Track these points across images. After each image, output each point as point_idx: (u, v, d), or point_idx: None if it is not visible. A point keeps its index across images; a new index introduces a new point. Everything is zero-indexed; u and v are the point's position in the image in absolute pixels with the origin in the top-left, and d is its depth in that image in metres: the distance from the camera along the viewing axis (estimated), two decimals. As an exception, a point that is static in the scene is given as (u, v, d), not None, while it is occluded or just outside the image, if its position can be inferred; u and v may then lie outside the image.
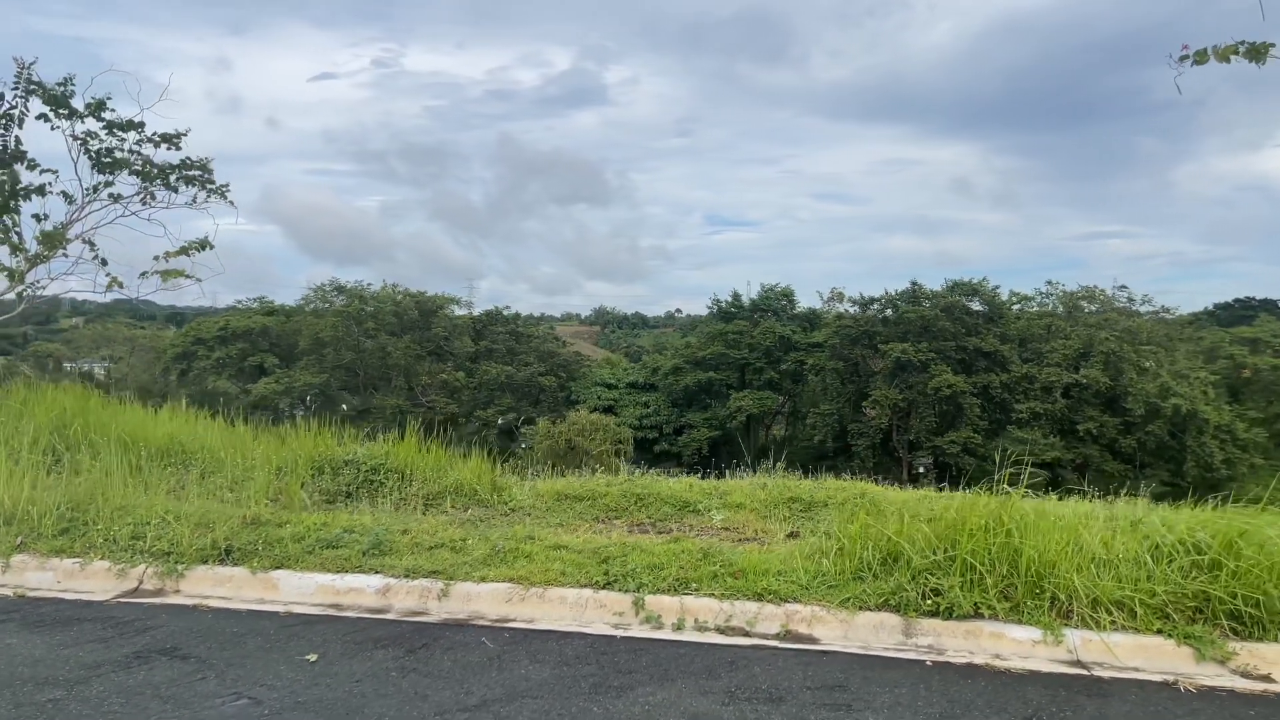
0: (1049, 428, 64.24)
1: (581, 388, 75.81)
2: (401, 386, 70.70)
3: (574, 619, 6.32)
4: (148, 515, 7.43)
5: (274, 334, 73.38)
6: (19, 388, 11.55)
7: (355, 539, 7.20)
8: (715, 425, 71.97)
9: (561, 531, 7.92)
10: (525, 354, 74.89)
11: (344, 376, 70.71)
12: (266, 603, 6.54)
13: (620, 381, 77.10)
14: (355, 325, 69.71)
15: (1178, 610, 5.93)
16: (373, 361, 70.12)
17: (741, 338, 73.08)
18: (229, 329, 72.01)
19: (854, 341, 68.30)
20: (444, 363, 73.27)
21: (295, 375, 68.28)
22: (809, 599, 6.32)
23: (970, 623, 6.03)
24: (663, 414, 73.97)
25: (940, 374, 63.69)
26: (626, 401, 74.93)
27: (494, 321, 77.78)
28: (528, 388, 72.45)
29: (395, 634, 5.85)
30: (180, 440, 9.74)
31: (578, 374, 78.53)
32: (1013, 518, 6.43)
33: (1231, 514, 6.45)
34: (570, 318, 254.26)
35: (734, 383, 72.81)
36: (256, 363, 71.68)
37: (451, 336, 73.40)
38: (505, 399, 71.63)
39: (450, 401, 70.67)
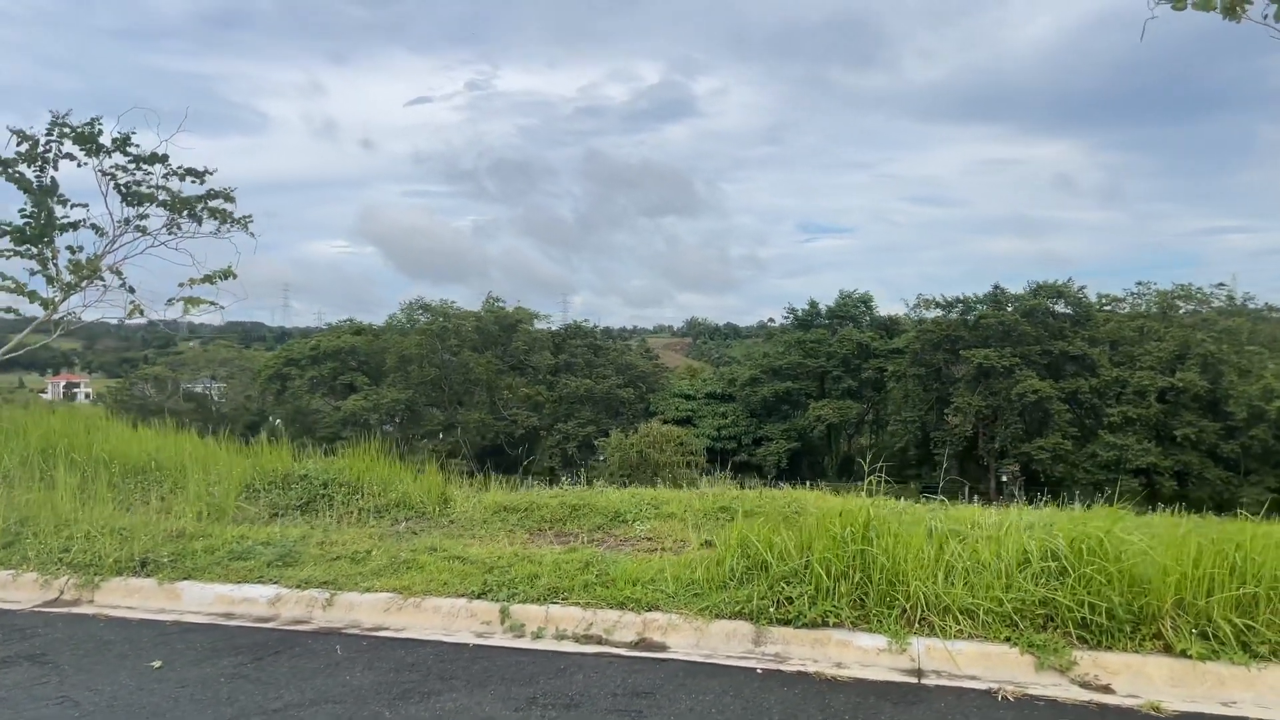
0: (1143, 433, 61.70)
1: (660, 399, 76.09)
2: (484, 401, 72.14)
3: (443, 627, 6.53)
4: (86, 529, 7.92)
5: (363, 353, 75.79)
6: (12, 410, 12.28)
7: (265, 551, 7.56)
8: (794, 436, 71.36)
9: (476, 543, 8.13)
10: (604, 367, 75.58)
11: (429, 392, 72.55)
12: (166, 612, 6.93)
13: (699, 392, 77.10)
14: (439, 342, 71.47)
15: (1027, 618, 5.81)
16: (456, 377, 71.80)
17: (819, 346, 72.37)
18: (320, 349, 74.70)
19: (935, 347, 66.93)
20: (525, 377, 74.51)
21: (383, 392, 70.41)
22: (670, 607, 6.40)
23: (820, 631, 6.03)
24: (741, 425, 73.70)
25: (1025, 379, 61.91)
26: (705, 412, 74.89)
27: (573, 335, 78.73)
28: (607, 400, 73.08)
29: (257, 642, 6.14)
30: (157, 457, 10.29)
31: (657, 386, 78.83)
32: (873, 524, 6.39)
33: (1113, 518, 6.26)
34: (662, 330, 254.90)
35: (813, 392, 72.14)
36: (347, 381, 74.15)
37: (532, 351, 74.61)
38: (585, 411, 72.40)
39: (531, 414, 71.76)
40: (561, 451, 71.52)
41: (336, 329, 79.94)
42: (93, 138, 15.73)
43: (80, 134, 15.51)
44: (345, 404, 69.76)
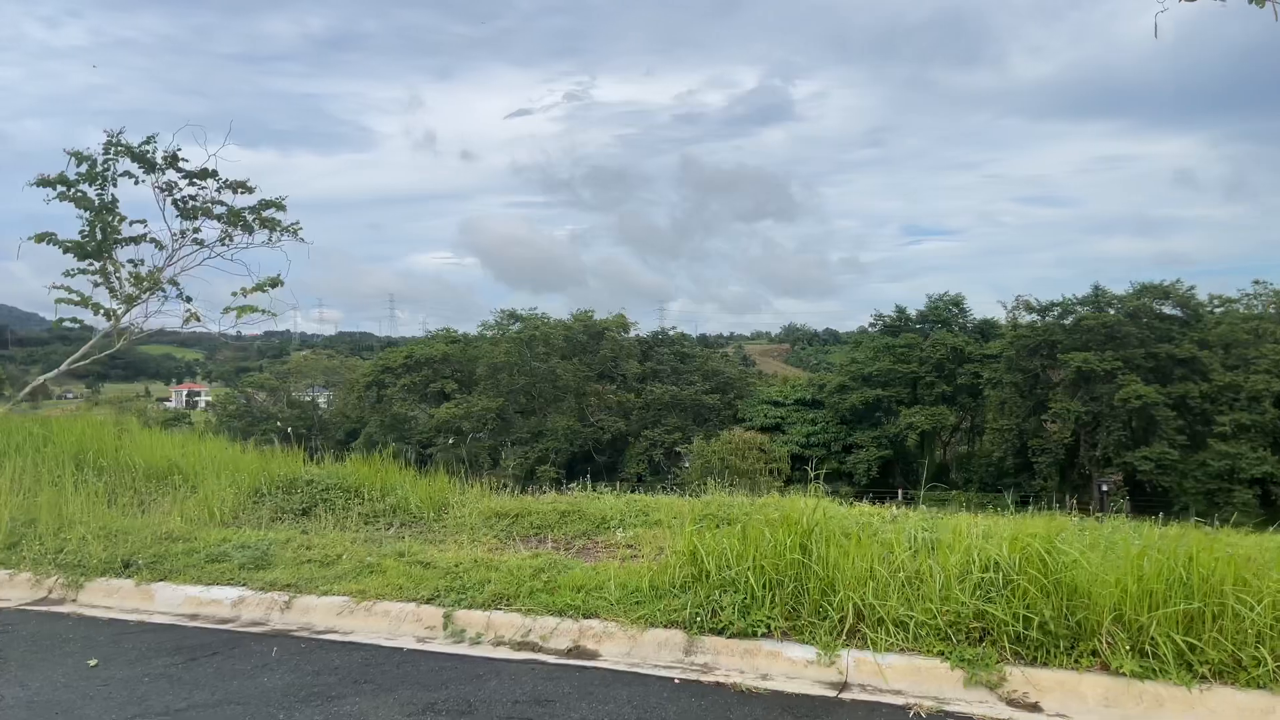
0: (1258, 441, 58.45)
1: (748, 406, 75.48)
2: (572, 408, 72.77)
3: (388, 631, 6.60)
4: (84, 531, 8.27)
5: (455, 361, 77.32)
6: (49, 419, 12.88)
7: (240, 554, 7.76)
8: (885, 444, 69.86)
9: (454, 548, 8.18)
10: (690, 374, 75.44)
11: (519, 400, 73.57)
12: (139, 612, 7.18)
13: (788, 399, 76.22)
14: (528, 350, 72.45)
15: (962, 631, 5.55)
16: (545, 385, 72.62)
17: (910, 351, 70.72)
18: (414, 358, 76.55)
19: (1031, 352, 64.72)
20: (612, 384, 74.92)
21: (474, 400, 71.70)
22: (609, 615, 6.33)
23: (751, 641, 5.88)
24: (830, 432, 72.54)
25: (1129, 384, 59.32)
26: (794, 419, 73.98)
27: (660, 342, 78.83)
28: (694, 407, 72.89)
29: (203, 643, 6.31)
30: (177, 463, 10.67)
31: (745, 392, 78.26)
32: (816, 533, 6.20)
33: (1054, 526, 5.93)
34: (760, 336, 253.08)
35: (904, 399, 70.50)
36: (439, 389, 75.73)
37: (619, 358, 74.97)
38: (672, 418, 72.39)
39: (618, 421, 72.10)
40: (649, 458, 71.65)
41: (430, 338, 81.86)
42: (145, 155, 16.46)
43: (134, 152, 16.25)
44: (438, 412, 71.29)
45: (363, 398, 79.13)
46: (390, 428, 75.52)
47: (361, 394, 78.47)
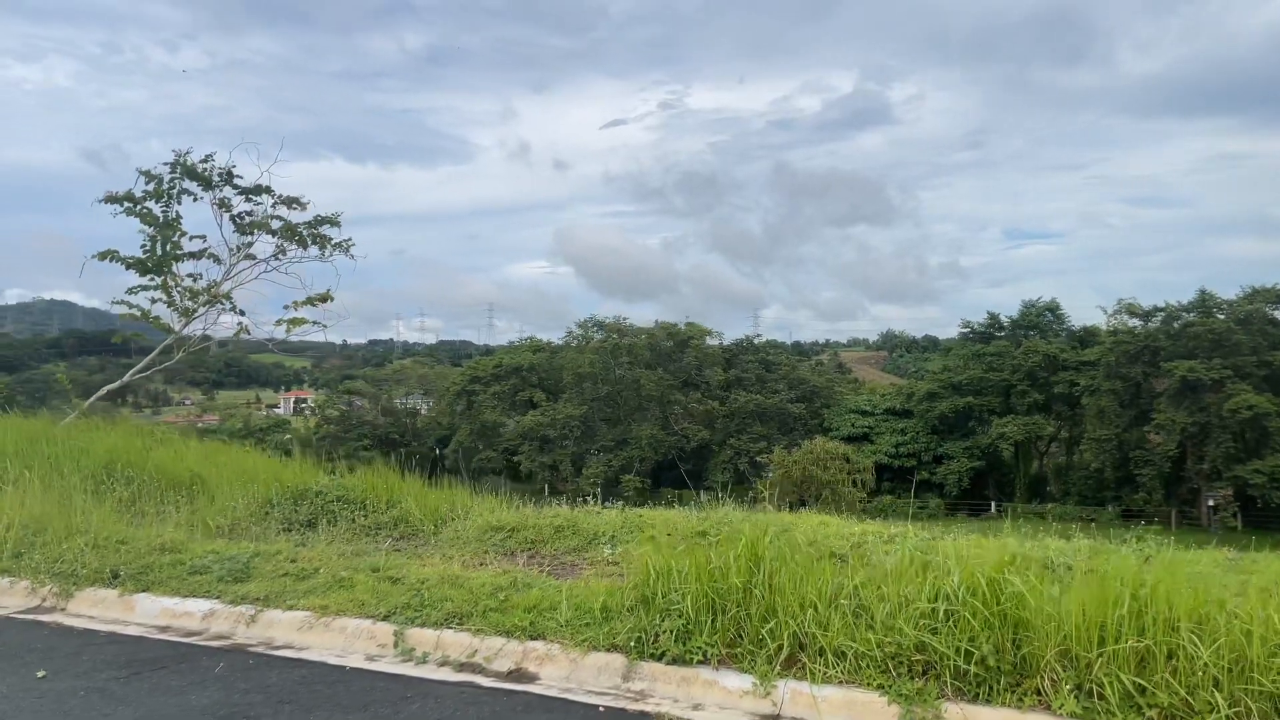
0: (1383, 454, 54.74)
1: (835, 415, 74.29)
2: (656, 416, 72.79)
3: (342, 648, 6.57)
4: (86, 540, 8.49)
5: (541, 370, 78.21)
6: (87, 426, 13.30)
7: (221, 566, 7.84)
8: (977, 454, 67.82)
9: (441, 563, 8.12)
10: (775, 382, 74.63)
11: (603, 408, 73.93)
12: (118, 623, 7.31)
13: (876, 408, 74.74)
14: (611, 359, 72.78)
15: (904, 664, 5.21)
16: (629, 393, 72.82)
17: (1003, 359, 68.55)
18: (502, 366, 77.70)
19: (1132, 359, 62.03)
20: (697, 392, 74.64)
21: (559, 408, 72.36)
22: (556, 637, 6.18)
23: (689, 669, 5.66)
24: (920, 441, 70.88)
25: (1239, 393, 56.33)
26: (883, 429, 72.53)
27: (744, 350, 78.21)
28: (778, 416, 72.09)
29: (156, 656, 6.38)
30: (199, 473, 10.92)
31: (832, 401, 77.03)
32: (765, 556, 5.93)
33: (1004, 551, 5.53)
34: (856, 343, 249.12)
35: (996, 408, 68.35)
36: (526, 397, 76.70)
37: (703, 366, 74.67)
38: (756, 427, 71.78)
39: (702, 430, 71.77)
40: (733, 467, 71.11)
41: (517, 347, 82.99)
42: (203, 173, 17.01)
43: (192, 170, 16.80)
44: (524, 419, 72.19)
45: (453, 405, 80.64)
46: (480, 435, 76.84)
47: (452, 402, 79.97)
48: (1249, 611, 4.76)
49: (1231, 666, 4.59)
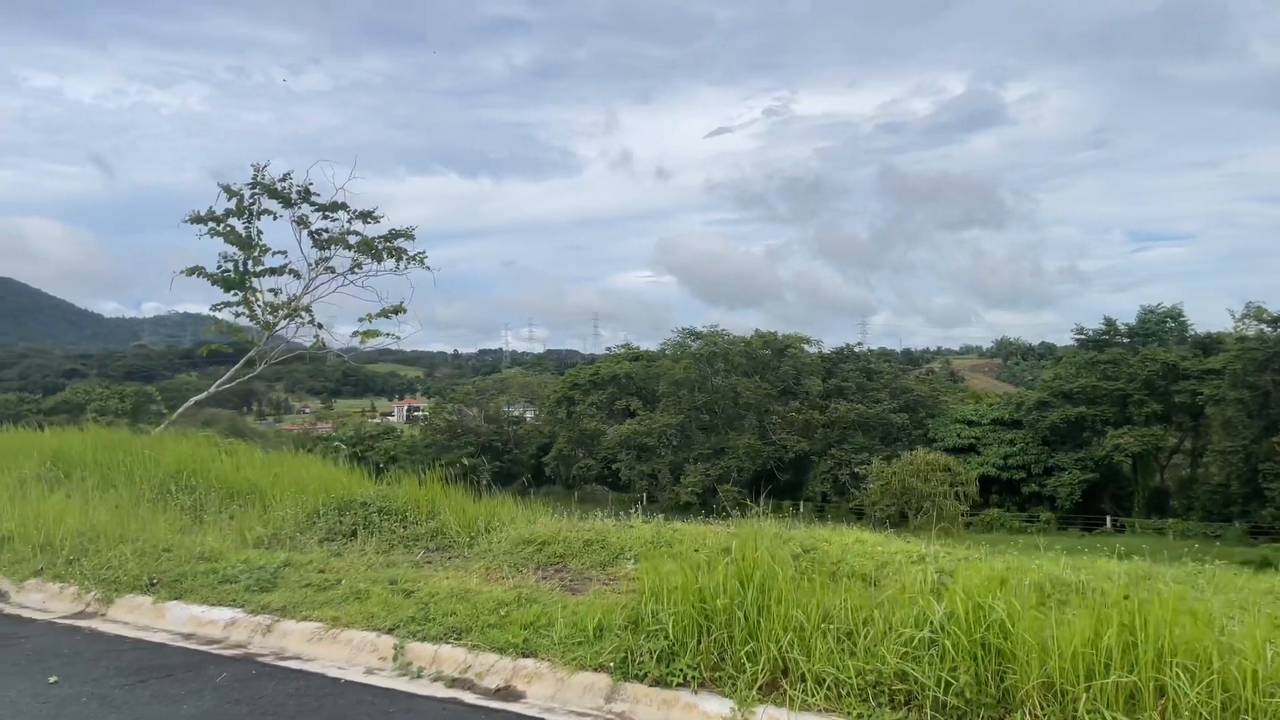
0: None
1: (940, 425, 72.29)
2: (753, 426, 72.15)
3: (345, 660, 6.66)
4: (134, 547, 8.85)
5: (638, 378, 78.45)
6: (151, 439, 13.83)
7: (249, 576, 8.05)
8: (1090, 466, 64.96)
9: (458, 576, 8.16)
10: (877, 391, 73.08)
11: (700, 417, 73.66)
12: (148, 629, 7.58)
13: (983, 418, 72.41)
14: (708, 367, 72.50)
15: (885, 693, 4.98)
16: (726, 402, 72.37)
17: (1118, 367, 65.52)
18: (600, 375, 78.26)
19: (1261, 366, 58.45)
20: (796, 402, 73.71)
21: (655, 417, 72.42)
22: (547, 654, 6.13)
23: (671, 691, 5.55)
24: (1030, 453, 68.32)
25: (1379, 403, 52.49)
26: (990, 440, 70.22)
27: (844, 359, 76.87)
28: (880, 426, 70.57)
29: (169, 664, 6.59)
30: (256, 483, 11.27)
31: (937, 411, 74.99)
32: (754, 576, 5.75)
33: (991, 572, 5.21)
34: (969, 350, 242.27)
35: (1112, 418, 65.33)
36: (624, 405, 77.05)
37: (802, 375, 73.70)
38: (857, 437, 70.39)
39: (801, 440, 70.81)
40: (833, 478, 69.95)
41: (615, 356, 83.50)
42: (284, 193, 17.62)
43: (272, 189, 17.42)
44: (621, 428, 72.49)
45: (554, 413, 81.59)
46: (579, 443, 77.47)
47: (552, 410, 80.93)
48: (1255, 648, 4.38)
49: (1226, 705, 4.23)
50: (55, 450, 13.09)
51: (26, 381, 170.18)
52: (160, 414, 78.83)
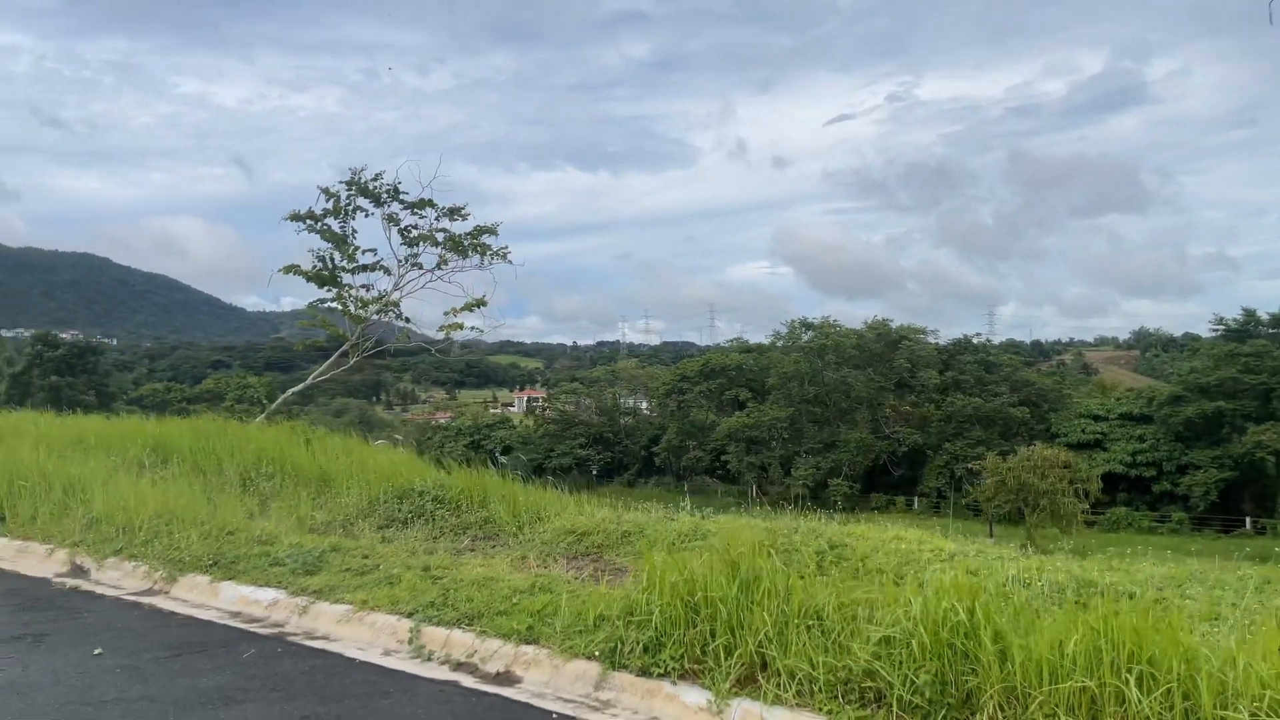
0: None
1: (1063, 420, 69.54)
2: (866, 419, 70.92)
3: (367, 641, 6.98)
4: (199, 531, 9.44)
5: (748, 370, 78.08)
6: (248, 427, 14.55)
7: (295, 559, 8.49)
8: (1229, 464, 61.37)
9: (493, 563, 8.41)
10: (996, 384, 70.75)
11: (811, 410, 72.84)
12: (202, 607, 8.09)
13: (1111, 412, 69.26)
14: (819, 359, 71.59)
15: (855, 691, 4.96)
16: (836, 395, 71.36)
17: (1261, 360, 61.64)
18: (709, 366, 78.23)
19: None
20: (910, 395, 72.10)
21: (765, 410, 71.99)
22: (548, 641, 6.31)
23: (654, 681, 5.66)
24: (1162, 450, 65.02)
25: None
26: (1117, 435, 67.16)
27: (962, 350, 74.67)
28: (999, 420, 68.34)
29: (208, 639, 7.03)
30: (327, 471, 11.82)
31: (1061, 405, 72.12)
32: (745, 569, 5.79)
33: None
34: (1105, 342, 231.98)
35: (1253, 413, 61.55)
36: (733, 397, 76.85)
37: (917, 367, 71.98)
38: (975, 431, 68.39)
39: (915, 434, 69.26)
40: (949, 473, 68.18)
41: (725, 347, 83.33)
42: (375, 192, 18.32)
43: (364, 188, 18.14)
44: (729, 420, 72.32)
45: (663, 405, 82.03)
46: (688, 434, 77.67)
47: (662, 401, 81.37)
48: (1224, 659, 4.19)
49: (1188, 714, 4.06)
50: (157, 438, 13.97)
51: (177, 371, 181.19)
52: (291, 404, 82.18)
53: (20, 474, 11.44)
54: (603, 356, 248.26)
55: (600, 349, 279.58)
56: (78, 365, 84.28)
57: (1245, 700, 4.00)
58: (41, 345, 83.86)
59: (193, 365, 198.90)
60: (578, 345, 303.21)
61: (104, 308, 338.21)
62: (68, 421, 16.27)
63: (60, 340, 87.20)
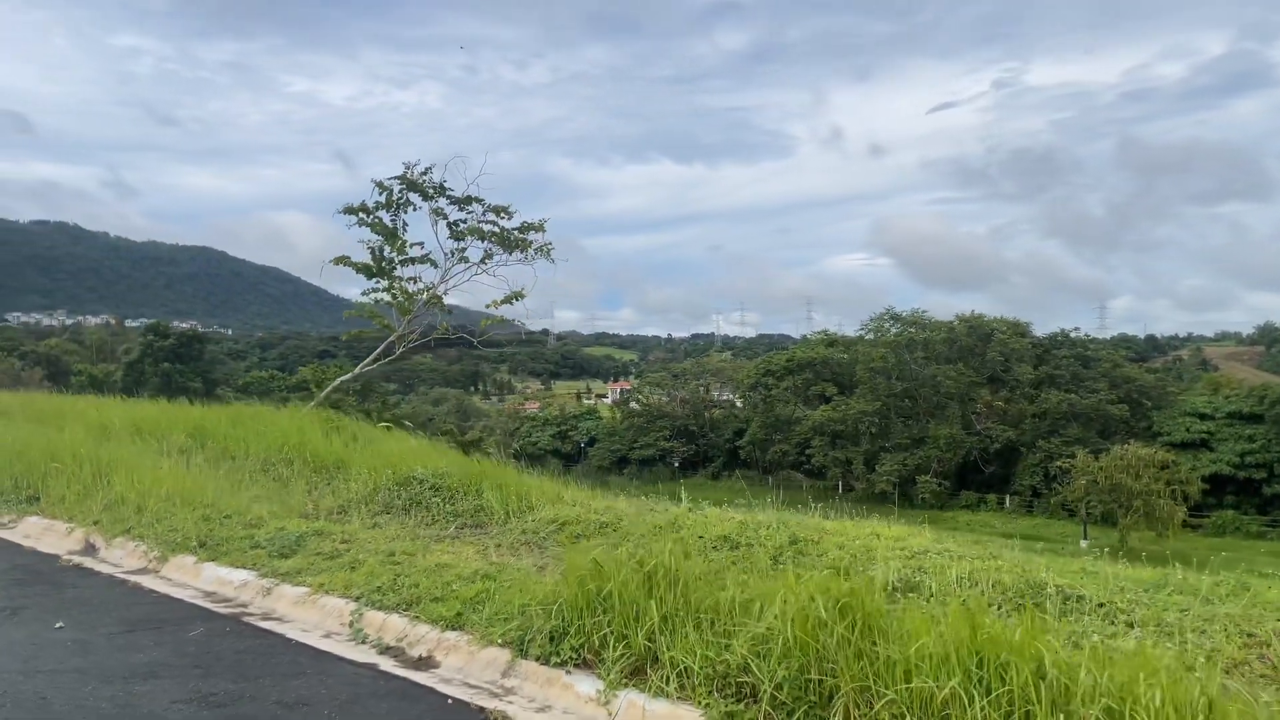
0: None
1: (1166, 418, 66.54)
2: (955, 415, 69.17)
3: (314, 623, 7.17)
4: (197, 514, 9.80)
5: (835, 364, 76.98)
6: (277, 413, 14.97)
7: (273, 543, 8.74)
8: (1347, 465, 57.90)
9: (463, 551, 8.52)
10: (1094, 380, 68.12)
11: (899, 405, 71.42)
12: (182, 587, 8.40)
13: (1218, 411, 65.97)
14: (907, 353, 70.11)
15: (730, 684, 4.91)
16: (925, 390, 69.78)
17: (1383, 356, 57.77)
18: (795, 360, 77.40)
19: None
20: (1004, 390, 70.03)
21: (850, 404, 70.90)
22: (471, 629, 6.37)
23: (554, 670, 5.70)
24: (1274, 450, 61.65)
25: None
26: (1225, 435, 63.99)
27: (1058, 344, 72.11)
28: (1097, 417, 65.82)
29: (169, 617, 7.33)
30: (342, 458, 12.12)
31: (1164, 402, 69.03)
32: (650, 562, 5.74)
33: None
34: (1226, 337, 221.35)
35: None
36: (819, 391, 75.88)
37: (1009, 362, 69.83)
38: (1071, 429, 66.06)
39: (1008, 430, 67.26)
40: (1043, 471, 65.98)
41: (811, 341, 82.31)
42: (423, 187, 18.72)
43: (414, 183, 18.56)
44: (813, 414, 71.46)
45: (748, 398, 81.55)
46: (773, 428, 77.06)
47: (746, 394, 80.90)
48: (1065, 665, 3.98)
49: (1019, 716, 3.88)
50: (196, 423, 14.56)
51: (286, 361, 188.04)
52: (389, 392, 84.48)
53: (56, 456, 12.06)
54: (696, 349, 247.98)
55: (694, 341, 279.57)
56: (186, 354, 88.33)
57: (1083, 706, 3.80)
58: (153, 335, 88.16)
59: (300, 354, 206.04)
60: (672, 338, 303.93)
61: (220, 299, 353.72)
62: (125, 406, 17.09)
63: (171, 330, 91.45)
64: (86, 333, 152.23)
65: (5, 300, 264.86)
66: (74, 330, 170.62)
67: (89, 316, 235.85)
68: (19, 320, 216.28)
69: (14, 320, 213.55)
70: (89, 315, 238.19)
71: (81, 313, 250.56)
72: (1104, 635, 5.11)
